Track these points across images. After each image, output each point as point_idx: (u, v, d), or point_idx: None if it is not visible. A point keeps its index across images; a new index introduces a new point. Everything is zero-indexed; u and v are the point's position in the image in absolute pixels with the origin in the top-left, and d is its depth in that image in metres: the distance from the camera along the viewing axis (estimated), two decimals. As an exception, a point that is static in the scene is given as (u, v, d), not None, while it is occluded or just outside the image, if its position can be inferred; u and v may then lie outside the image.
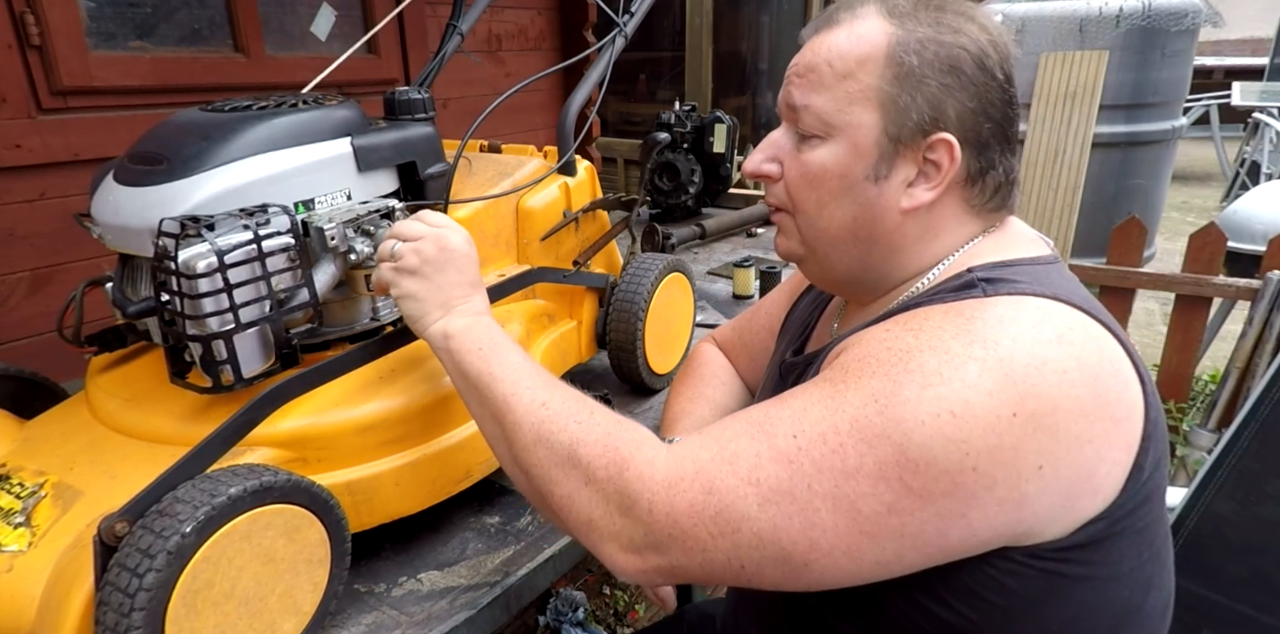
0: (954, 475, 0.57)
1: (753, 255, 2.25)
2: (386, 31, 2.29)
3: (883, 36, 0.70)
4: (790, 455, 0.60)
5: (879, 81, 0.70)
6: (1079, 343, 0.61)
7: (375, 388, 0.91)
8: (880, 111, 0.70)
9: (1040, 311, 0.63)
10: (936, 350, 0.60)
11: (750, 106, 5.80)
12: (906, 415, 0.57)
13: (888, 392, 0.59)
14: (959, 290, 0.69)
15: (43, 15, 1.56)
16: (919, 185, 0.72)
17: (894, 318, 0.68)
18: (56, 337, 0.97)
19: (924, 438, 0.57)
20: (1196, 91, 5.80)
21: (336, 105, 0.99)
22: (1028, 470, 0.57)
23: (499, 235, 1.20)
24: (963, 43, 0.69)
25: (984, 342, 0.60)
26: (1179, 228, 5.98)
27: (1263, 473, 1.56)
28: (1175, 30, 3.66)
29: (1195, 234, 2.51)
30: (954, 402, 0.57)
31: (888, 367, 0.61)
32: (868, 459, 0.58)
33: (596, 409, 0.74)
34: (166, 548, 0.66)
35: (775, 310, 1.09)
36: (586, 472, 0.68)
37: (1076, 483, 0.60)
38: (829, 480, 0.59)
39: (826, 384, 0.64)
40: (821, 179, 0.74)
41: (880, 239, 0.75)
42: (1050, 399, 0.57)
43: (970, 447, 0.56)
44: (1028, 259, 0.72)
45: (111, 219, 0.87)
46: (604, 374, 1.41)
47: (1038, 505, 0.59)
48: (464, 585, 0.92)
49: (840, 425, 0.60)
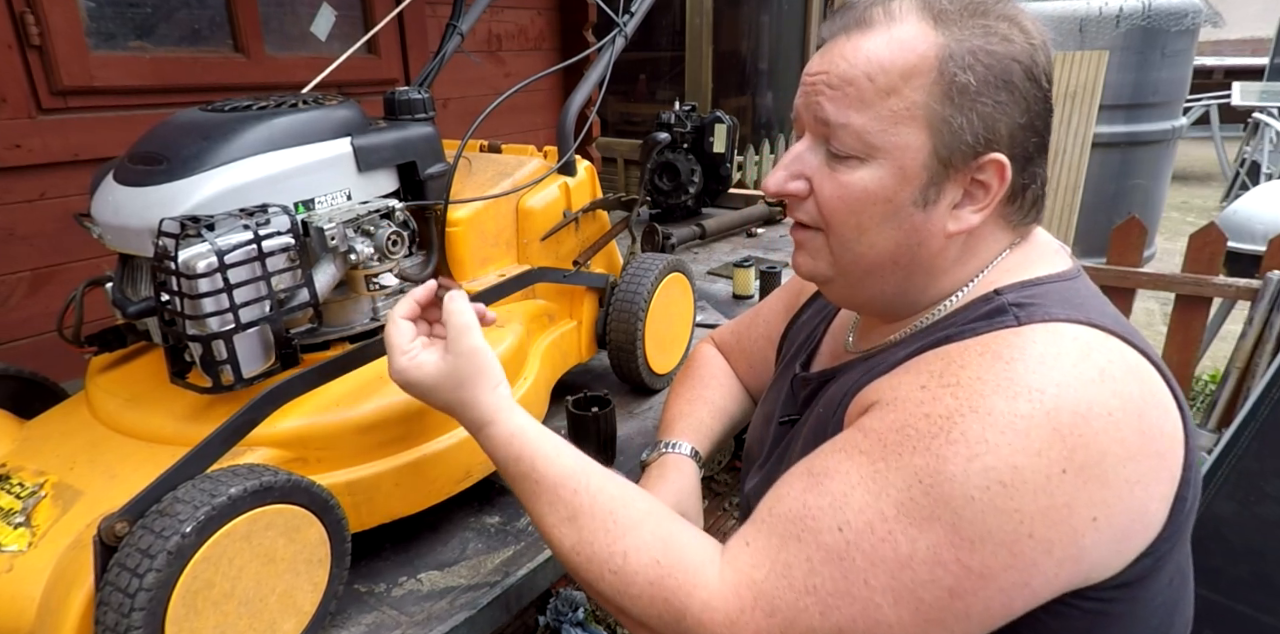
0: (1011, 546, 0.54)
1: (753, 255, 2.25)
2: (386, 31, 2.29)
3: (930, 47, 0.64)
4: (840, 552, 0.57)
5: (928, 99, 0.64)
6: (1120, 378, 0.58)
7: (375, 388, 0.91)
8: (929, 132, 0.64)
9: (1078, 344, 0.60)
10: (979, 412, 0.56)
11: (750, 106, 5.80)
12: (955, 493, 0.55)
13: (932, 469, 0.56)
14: (989, 317, 0.65)
15: (43, 15, 1.56)
16: (965, 207, 0.67)
17: (924, 362, 0.64)
18: (56, 337, 0.97)
19: (976, 514, 0.54)
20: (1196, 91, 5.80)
21: (336, 105, 0.99)
22: (1083, 525, 0.55)
23: (499, 235, 1.20)
24: (1014, 52, 0.64)
25: (1028, 393, 0.56)
26: (1179, 228, 5.98)
27: (1263, 473, 1.56)
28: (1175, 30, 3.66)
29: (1195, 234, 2.51)
30: (1003, 470, 0.54)
31: (929, 439, 0.57)
32: (920, 545, 0.55)
33: (630, 541, 0.66)
34: (166, 548, 0.66)
35: (774, 319, 1.07)
36: (642, 622, 0.64)
37: (1130, 525, 0.58)
38: (884, 573, 0.56)
39: (864, 459, 0.60)
40: (863, 203, 0.67)
41: (922, 264, 0.70)
42: (1099, 447, 0.55)
43: (1024, 514, 0.54)
44: (1054, 276, 0.69)
45: (111, 219, 0.87)
46: (604, 374, 1.41)
47: (1095, 555, 0.57)
48: (464, 585, 0.92)
49: (886, 511, 0.57)
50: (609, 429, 1.17)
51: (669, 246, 2.20)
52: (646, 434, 1.27)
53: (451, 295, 0.79)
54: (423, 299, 0.82)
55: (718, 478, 2.67)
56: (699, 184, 2.54)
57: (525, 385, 1.08)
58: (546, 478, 0.73)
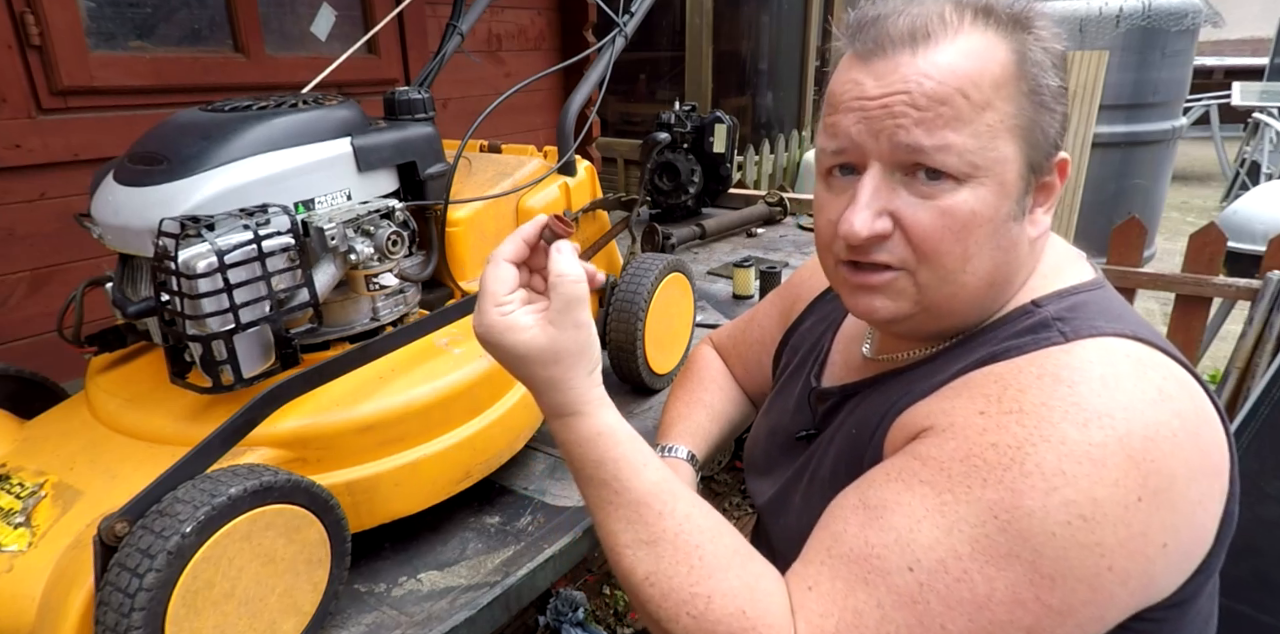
0: (1091, 581, 0.53)
1: (753, 255, 2.25)
2: (386, 31, 2.29)
3: (1007, 53, 0.62)
4: (913, 595, 0.55)
5: (1018, 108, 0.62)
6: (1176, 395, 0.57)
7: (375, 388, 0.91)
8: (1023, 141, 0.63)
9: (1132, 362, 0.59)
10: (1052, 441, 0.54)
11: (750, 106, 5.80)
12: (1035, 529, 0.53)
13: (1008, 504, 0.53)
14: (1033, 332, 0.63)
15: (43, 15, 1.56)
16: (1038, 210, 0.67)
17: (975, 385, 0.61)
18: (56, 337, 0.97)
19: (1058, 551, 0.52)
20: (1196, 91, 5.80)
21: (336, 105, 0.99)
22: (1155, 552, 0.54)
23: (499, 235, 1.20)
24: (1057, 48, 0.65)
25: (1099, 419, 0.54)
26: (1179, 228, 5.98)
27: (1263, 473, 1.56)
28: (1175, 30, 3.66)
29: (1195, 234, 2.51)
30: (1084, 503, 0.52)
31: (1000, 471, 0.54)
32: (999, 584, 0.53)
33: (716, 585, 0.61)
34: (166, 548, 0.66)
35: (769, 324, 1.05)
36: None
37: (1193, 546, 0.58)
38: (962, 617, 0.54)
39: (927, 491, 0.57)
40: (971, 228, 0.63)
41: (1012, 279, 0.68)
42: (1169, 471, 0.54)
43: (1105, 548, 0.53)
44: (1086, 285, 0.68)
45: (111, 219, 0.87)
46: (604, 374, 1.41)
47: (1162, 581, 0.57)
48: (464, 585, 0.92)
49: (960, 549, 0.54)
50: (609, 429, 1.16)
51: (669, 246, 2.20)
52: (647, 434, 1.26)
53: (560, 247, 0.66)
54: (531, 239, 0.68)
55: (718, 478, 2.67)
56: (699, 184, 2.54)
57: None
58: (630, 491, 0.64)
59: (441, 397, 0.94)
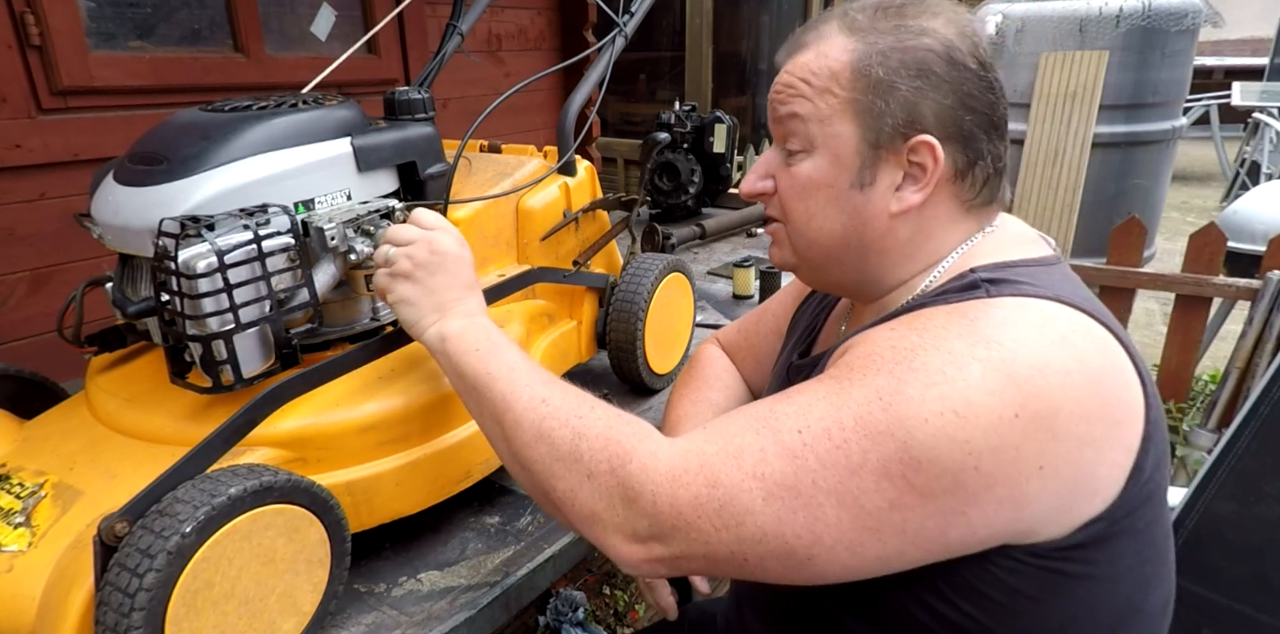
0: (956, 474, 0.57)
1: (753, 255, 2.25)
2: (386, 31, 2.29)
3: (847, 52, 0.73)
4: (795, 451, 0.61)
5: (851, 93, 0.72)
6: (1081, 345, 0.62)
7: (375, 388, 0.91)
8: (857, 121, 0.73)
9: (1043, 313, 0.64)
10: (940, 349, 0.61)
11: (750, 106, 5.80)
12: (910, 413, 0.58)
13: (892, 389, 0.60)
14: (962, 291, 0.69)
15: (43, 15, 1.56)
16: (906, 188, 0.73)
17: (899, 318, 0.69)
18: (56, 337, 0.97)
19: (927, 436, 0.57)
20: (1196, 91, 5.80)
21: (336, 105, 0.99)
22: (1028, 471, 0.58)
23: (499, 235, 1.20)
24: (926, 44, 0.71)
25: (987, 342, 0.60)
26: (1179, 228, 5.98)
27: (1263, 473, 1.56)
28: (1175, 30, 3.66)
29: (1195, 234, 2.51)
30: (957, 401, 0.58)
31: (891, 364, 0.61)
32: (871, 456, 0.59)
33: (597, 405, 0.74)
34: (166, 548, 0.66)
35: (781, 312, 1.09)
36: (589, 466, 0.68)
37: (1076, 484, 0.61)
38: (833, 476, 0.59)
39: (831, 381, 0.64)
40: (809, 190, 0.77)
41: (872, 245, 0.76)
42: (1052, 401, 0.58)
43: (973, 446, 0.57)
44: (1030, 260, 0.73)
45: (111, 219, 0.87)
46: (604, 374, 1.41)
47: (1037, 506, 0.60)
48: (464, 585, 0.92)
49: (845, 421, 0.60)
50: (609, 429, 1.16)
51: (669, 246, 2.20)
52: (646, 434, 1.27)
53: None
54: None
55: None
56: (699, 184, 2.54)
57: (525, 385, 1.08)
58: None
59: (441, 397, 0.94)
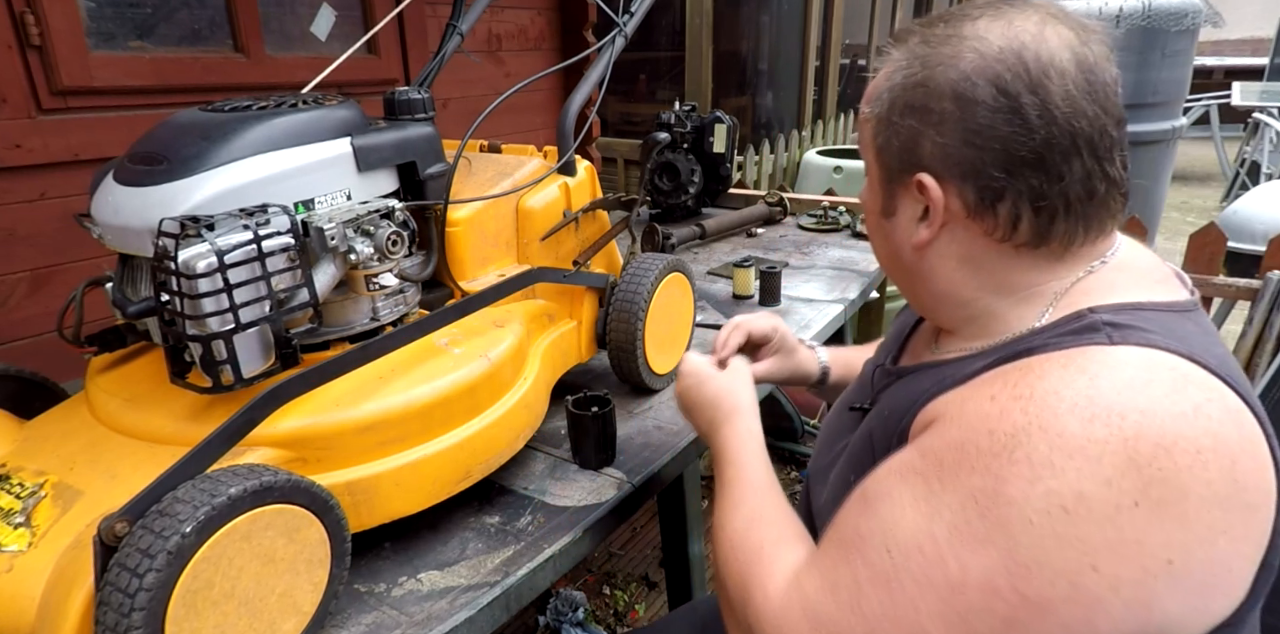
0: (1072, 577, 0.51)
1: (753, 255, 2.25)
2: (386, 31, 2.29)
3: (876, 87, 0.73)
4: (888, 575, 0.56)
5: (871, 128, 0.74)
6: (1217, 418, 0.54)
7: (375, 388, 0.91)
8: (875, 154, 0.74)
9: (1175, 374, 0.56)
10: (1049, 432, 0.53)
11: (750, 106, 5.80)
12: (1013, 516, 0.52)
13: (990, 490, 0.53)
14: (1078, 333, 0.62)
15: (43, 15, 1.56)
16: (923, 223, 0.71)
17: (1001, 372, 0.62)
18: (56, 337, 0.97)
19: (1033, 539, 0.51)
20: (1196, 91, 5.80)
21: (336, 105, 0.99)
22: (1155, 567, 0.51)
23: (499, 235, 1.20)
24: (938, 77, 0.66)
25: (1108, 415, 0.52)
26: (1179, 228, 5.98)
27: (1263, 473, 1.56)
28: (1175, 30, 3.66)
29: (1195, 234, 2.51)
30: (1066, 496, 0.51)
31: (989, 458, 0.55)
32: (973, 569, 0.53)
33: (747, 518, 0.76)
34: (166, 548, 0.66)
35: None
36: (728, 598, 0.71)
37: (1210, 579, 0.54)
38: (934, 598, 0.54)
39: (918, 480, 0.58)
40: (866, 213, 0.81)
41: (911, 271, 0.76)
42: (1180, 485, 0.51)
43: (1088, 545, 0.51)
44: (1163, 303, 0.64)
45: (111, 219, 0.87)
46: (604, 374, 1.41)
47: (1169, 605, 0.53)
48: (464, 585, 0.92)
49: (938, 533, 0.55)
50: (609, 429, 1.17)
51: (669, 246, 2.20)
52: (646, 434, 1.27)
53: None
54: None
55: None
56: (699, 184, 2.54)
57: (525, 385, 1.08)
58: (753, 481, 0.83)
59: (441, 397, 0.94)
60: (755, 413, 0.92)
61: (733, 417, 0.91)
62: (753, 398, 0.94)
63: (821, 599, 0.60)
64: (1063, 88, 0.63)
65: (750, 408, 0.93)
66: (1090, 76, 0.64)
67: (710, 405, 0.94)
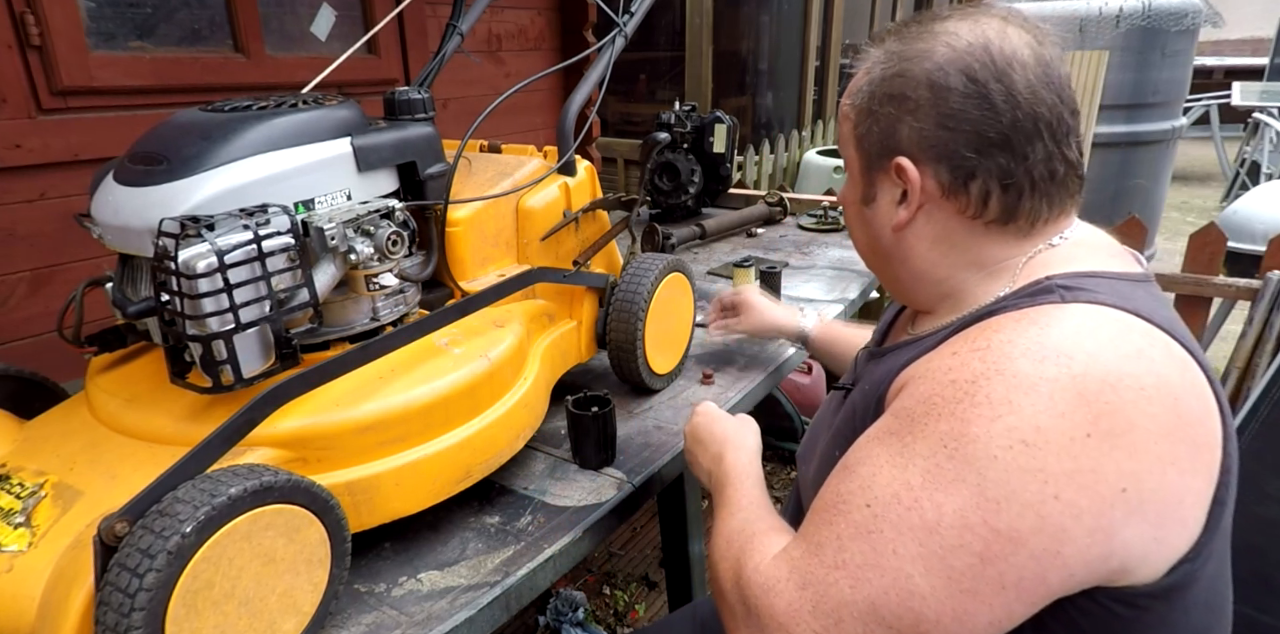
0: (1037, 508, 0.54)
1: (753, 255, 2.25)
2: (386, 31, 2.29)
3: (856, 83, 0.79)
4: (868, 527, 0.59)
5: (851, 121, 0.79)
6: (1160, 360, 0.58)
7: (375, 388, 0.91)
8: (856, 145, 0.79)
9: (1119, 325, 0.60)
10: (1005, 374, 0.57)
11: (750, 106, 5.80)
12: (979, 453, 0.55)
13: (955, 432, 0.57)
14: (1034, 295, 0.67)
15: (43, 15, 1.56)
16: (901, 205, 0.76)
17: (963, 333, 0.66)
18: (56, 337, 0.97)
19: (999, 473, 0.55)
20: (1196, 91, 5.80)
21: (336, 105, 0.99)
22: (1111, 494, 0.55)
23: (499, 235, 1.20)
24: (914, 70, 0.72)
25: (1057, 356, 0.57)
26: (1179, 228, 5.98)
27: (1262, 473, 1.56)
28: (1175, 30, 3.66)
29: (1195, 234, 2.51)
30: (1025, 430, 0.55)
31: (953, 404, 0.58)
32: (946, 509, 0.56)
33: (760, 522, 0.77)
34: (166, 548, 0.66)
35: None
36: (721, 587, 0.73)
37: (1163, 510, 0.57)
38: (912, 541, 0.56)
39: (892, 439, 0.62)
40: (845, 207, 0.86)
41: (890, 255, 0.80)
42: (1126, 417, 0.55)
43: (1048, 474, 0.54)
44: (1117, 273, 0.69)
45: (111, 219, 0.87)
46: (604, 374, 1.41)
47: (1128, 534, 0.56)
48: (464, 585, 0.92)
49: (912, 481, 0.58)
50: (609, 429, 1.17)
51: (669, 246, 2.20)
52: (646, 434, 1.27)
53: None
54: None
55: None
56: (699, 184, 2.54)
57: (525, 385, 1.08)
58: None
59: (441, 397, 0.94)
60: (759, 456, 0.95)
61: (740, 452, 0.94)
62: (759, 444, 0.97)
63: (807, 560, 0.62)
64: (1024, 78, 0.70)
65: (756, 450, 0.96)
66: (1048, 70, 0.71)
67: (719, 441, 0.97)
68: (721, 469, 0.92)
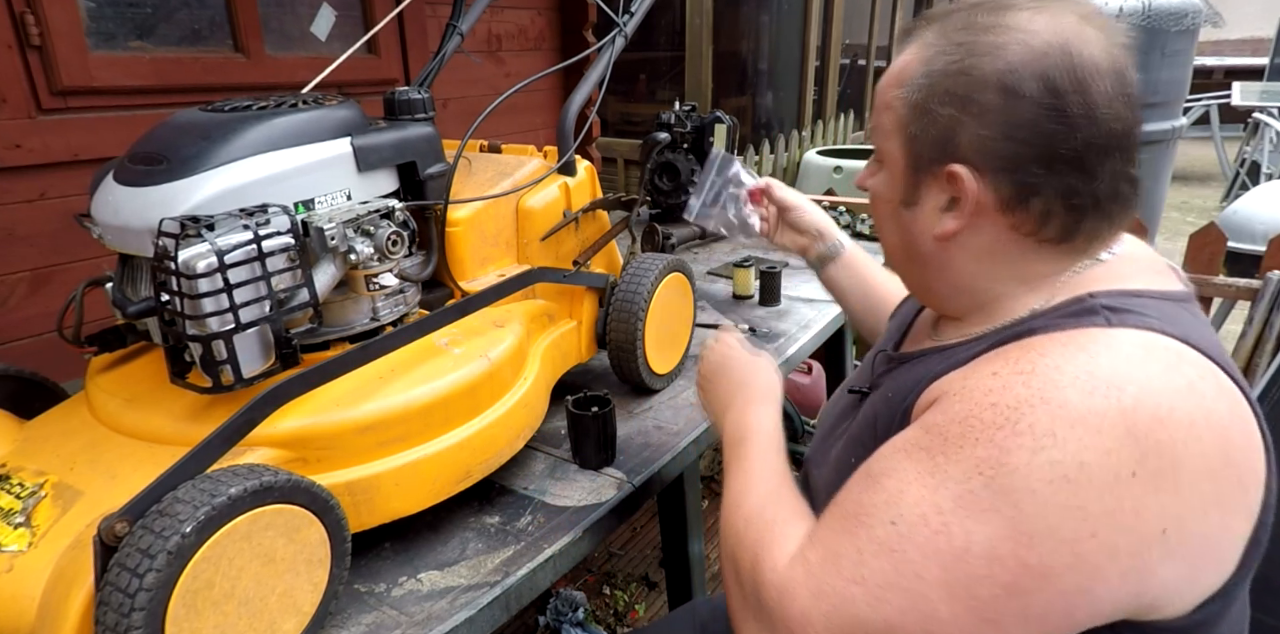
0: (1073, 545, 0.52)
1: (753, 255, 2.25)
2: (386, 31, 2.29)
3: (906, 69, 0.71)
4: (891, 545, 0.57)
5: (900, 114, 0.71)
6: (1210, 395, 0.56)
7: (375, 388, 0.91)
8: (903, 142, 0.72)
9: (1170, 353, 0.57)
10: (1051, 404, 0.54)
11: (750, 106, 5.80)
12: (1017, 485, 0.53)
13: (994, 460, 0.54)
14: (1077, 316, 0.63)
15: (43, 15, 1.56)
16: (949, 213, 0.71)
17: (1002, 351, 0.63)
18: (56, 337, 0.97)
19: (1037, 508, 0.52)
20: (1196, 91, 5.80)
21: (336, 105, 0.99)
22: (1151, 535, 0.53)
23: (499, 235, 1.20)
24: (982, 67, 0.65)
25: (1106, 388, 0.54)
26: (1179, 228, 5.98)
27: (1263, 473, 1.56)
28: (1175, 30, 3.66)
29: (1195, 234, 2.51)
30: (1069, 465, 0.52)
31: (993, 430, 0.55)
32: (976, 537, 0.54)
33: (781, 505, 0.73)
34: (166, 548, 0.66)
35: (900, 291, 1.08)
36: (737, 569, 0.69)
37: (1202, 551, 0.55)
38: (938, 566, 0.55)
39: (923, 455, 0.59)
40: (877, 202, 0.79)
41: (928, 262, 0.75)
42: (1174, 456, 0.53)
43: (1088, 513, 0.52)
44: (1161, 292, 0.66)
45: (111, 219, 0.87)
46: (604, 374, 1.41)
47: (1164, 575, 0.55)
48: (464, 585, 0.92)
49: (943, 504, 0.56)
50: (609, 429, 1.17)
51: (669, 246, 2.20)
52: (646, 434, 1.27)
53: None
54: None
55: (717, 478, 2.67)
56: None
57: (525, 385, 1.08)
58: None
59: (441, 397, 0.94)
60: (780, 409, 0.90)
61: (762, 405, 0.88)
62: (781, 393, 0.92)
63: (824, 570, 0.60)
64: (1103, 89, 0.64)
65: (779, 400, 0.91)
66: (1122, 79, 0.65)
67: (737, 384, 0.92)
68: (740, 422, 0.87)
